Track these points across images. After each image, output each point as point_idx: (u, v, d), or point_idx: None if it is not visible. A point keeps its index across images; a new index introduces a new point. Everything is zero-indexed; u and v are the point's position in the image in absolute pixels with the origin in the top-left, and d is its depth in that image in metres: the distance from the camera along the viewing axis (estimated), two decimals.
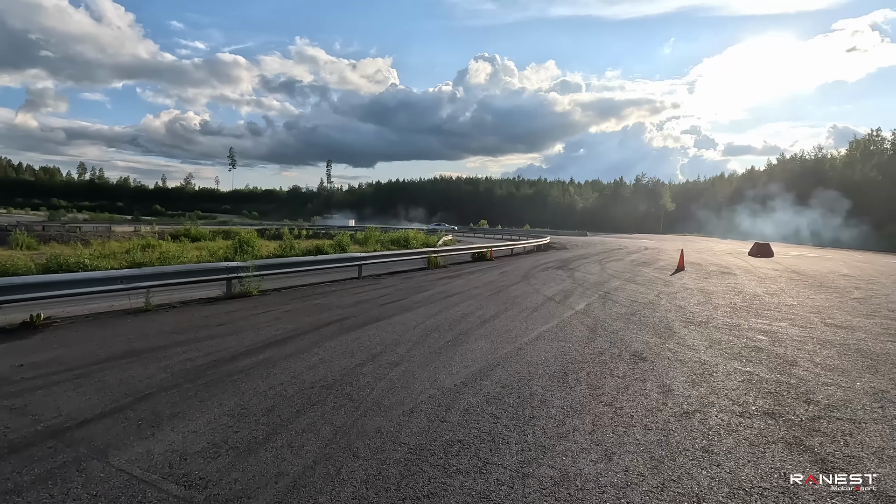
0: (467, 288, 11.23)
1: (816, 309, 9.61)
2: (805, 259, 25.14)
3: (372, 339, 6.36)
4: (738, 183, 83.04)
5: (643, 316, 8.40)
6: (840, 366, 5.71)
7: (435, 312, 8.22)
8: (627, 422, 3.90)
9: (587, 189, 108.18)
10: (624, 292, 11.07)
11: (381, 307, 8.64)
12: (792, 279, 14.83)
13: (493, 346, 6.09)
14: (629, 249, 28.15)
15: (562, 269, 15.77)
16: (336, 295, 10.03)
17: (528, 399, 4.32)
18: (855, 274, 17.50)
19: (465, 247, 19.35)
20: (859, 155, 64.62)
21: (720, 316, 8.59)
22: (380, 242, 27.30)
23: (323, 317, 7.72)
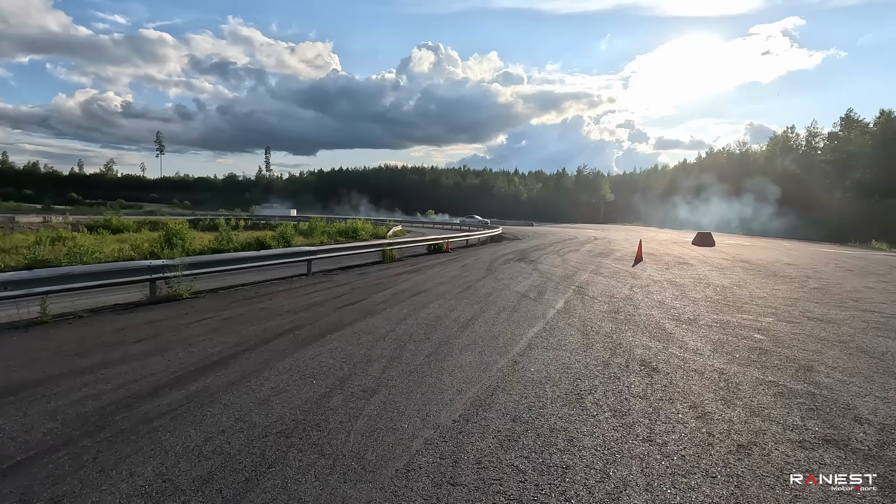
0: (432, 284, 10.24)
1: (788, 301, 9.46)
2: (744, 248, 26.20)
3: (335, 355, 5.23)
4: (672, 175, 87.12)
5: (628, 314, 7.78)
6: (856, 369, 5.27)
7: (404, 316, 7.17)
8: (682, 466, 3.09)
9: (531, 180, 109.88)
10: (597, 287, 10.50)
11: (339, 311, 7.48)
12: (746, 269, 15.02)
13: (483, 360, 5.15)
14: (580, 240, 28.22)
15: (523, 262, 15.13)
16: (284, 296, 8.72)
17: (549, 438, 3.42)
18: (796, 262, 18.17)
19: (419, 238, 18.31)
20: (779, 150, 69.45)
21: (704, 312, 8.14)
22: (326, 234, 25.68)
23: (272, 325, 6.47)
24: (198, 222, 37.81)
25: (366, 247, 14.41)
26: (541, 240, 27.57)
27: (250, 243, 18.75)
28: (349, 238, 25.76)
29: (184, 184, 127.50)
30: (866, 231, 37.26)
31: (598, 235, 33.99)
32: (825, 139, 62.12)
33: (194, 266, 8.79)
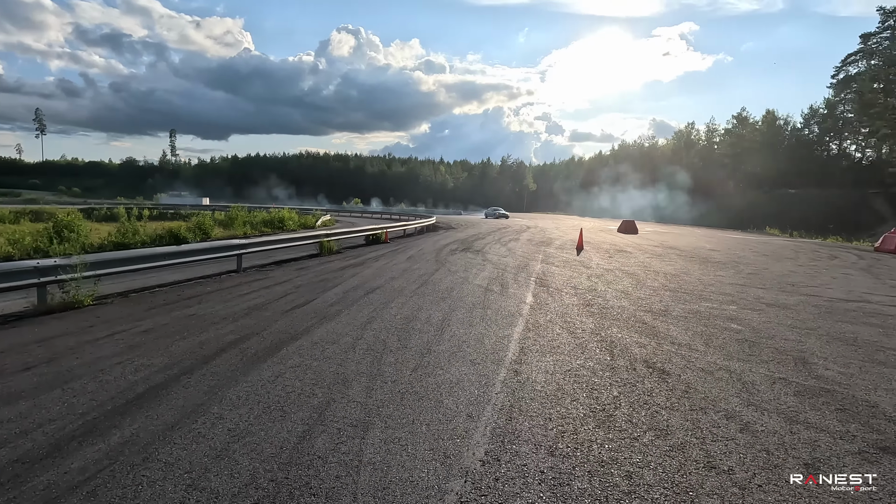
0: (384, 279, 9.34)
1: (736, 287, 9.72)
2: (666, 235, 27.77)
3: (301, 375, 4.26)
4: (589, 166, 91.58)
5: (601, 306, 7.45)
6: (844, 359, 5.23)
7: (367, 319, 6.26)
8: (768, 500, 2.60)
9: (457, 168, 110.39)
10: (556, 278, 10.18)
11: (288, 315, 6.39)
12: (680, 256, 15.62)
13: (480, 372, 4.44)
14: (514, 228, 28.35)
15: (470, 252, 14.59)
16: (216, 298, 7.41)
17: (605, 477, 2.79)
18: (717, 248, 19.37)
19: (357, 229, 17.16)
20: (683, 144, 75.32)
21: (670, 302, 8.04)
22: (249, 224, 23.59)
23: (209, 338, 5.28)
24: (92, 212, 33.29)
25: (302, 238, 13.08)
26: (476, 229, 27.31)
27: (161, 236, 16.53)
28: (275, 229, 23.84)
29: (71, 168, 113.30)
30: (761, 219, 41.29)
31: (529, 224, 34.49)
32: (721, 135, 68.23)
33: (98, 265, 7.19)
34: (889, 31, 43.35)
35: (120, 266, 7.70)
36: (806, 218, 39.95)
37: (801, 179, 50.84)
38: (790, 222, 37.95)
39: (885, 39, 43.45)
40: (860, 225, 37.26)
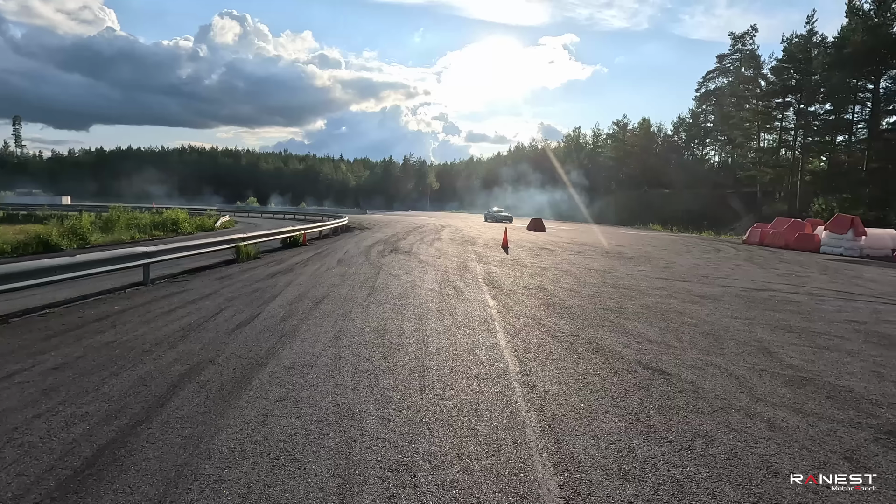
0: (325, 287, 8.56)
1: (663, 281, 10.45)
2: (570, 232, 29.55)
3: (294, 410, 3.58)
4: (489, 166, 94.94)
5: (562, 306, 7.49)
6: (798, 346, 5.72)
7: (333, 335, 5.59)
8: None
9: (359, 166, 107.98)
10: (500, 277, 10.14)
11: (236, 335, 5.49)
12: (598, 253, 16.59)
13: (493, 390, 4.10)
14: (430, 227, 28.25)
15: (399, 254, 14.12)
16: (134, 319, 6.17)
17: (700, 499, 2.62)
18: (622, 244, 20.96)
19: (275, 231, 15.75)
20: (573, 147, 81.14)
21: (619, 298, 8.35)
22: (136, 228, 20.69)
23: (148, 371, 4.29)
24: None
25: (217, 244, 11.62)
26: (391, 228, 26.74)
27: (26, 244, 13.76)
28: (169, 232, 21.18)
29: None
30: (644, 216, 45.78)
31: (441, 223, 34.61)
32: (604, 140, 74.64)
33: None
34: (738, 53, 50.57)
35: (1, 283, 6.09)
36: (678, 215, 45.08)
37: (673, 180, 57.34)
38: (667, 219, 42.60)
39: (736, 60, 50.65)
40: (721, 220, 42.91)
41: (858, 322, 7.13)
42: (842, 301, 8.88)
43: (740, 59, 50.44)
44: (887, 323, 7.17)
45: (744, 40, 49.95)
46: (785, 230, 22.83)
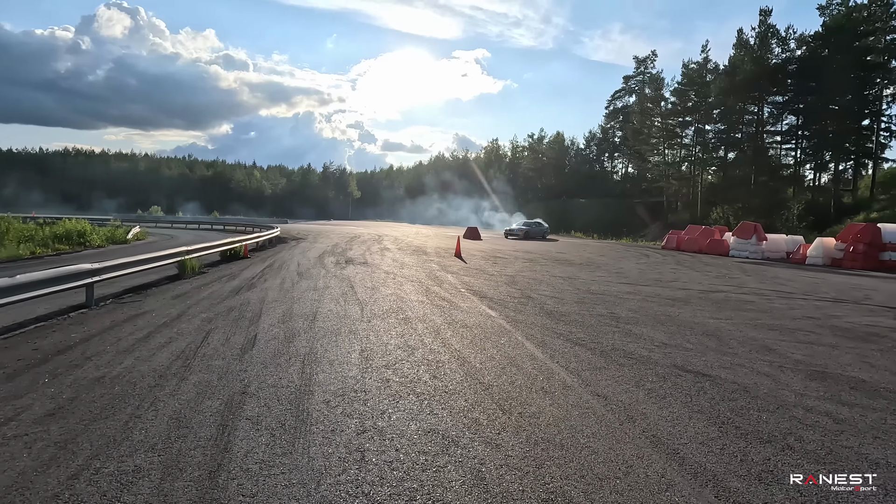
0: (307, 302, 7.96)
1: (628, 286, 11.05)
2: (508, 242, 30.38)
3: (396, 447, 3.22)
4: (412, 174, 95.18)
5: (562, 315, 7.60)
6: (789, 342, 6.27)
7: (362, 356, 5.18)
8: None
9: (274, 174, 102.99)
10: (480, 288, 10.10)
11: (247, 359, 4.88)
12: (549, 261, 17.19)
13: (589, 410, 4.02)
14: (367, 237, 27.54)
15: (358, 265, 13.58)
16: (104, 347, 5.26)
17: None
18: (562, 251, 21.95)
19: (217, 243, 14.40)
20: (493, 158, 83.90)
21: (604, 306, 8.67)
22: (32, 241, 17.92)
23: (176, 410, 3.65)
24: None
25: (163, 258, 10.36)
26: (328, 238, 25.68)
27: None
28: (75, 245, 18.58)
29: None
30: (565, 224, 48.39)
31: (375, 232, 33.90)
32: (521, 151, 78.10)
33: None
34: (641, 75, 55.64)
35: None
36: (594, 223, 48.28)
37: (586, 190, 61.37)
38: (585, 227, 45.45)
39: (640, 82, 55.69)
40: (631, 228, 46.64)
41: (814, 318, 8.02)
42: (784, 300, 9.95)
43: (643, 80, 55.48)
44: (836, 317, 8.13)
45: (646, 63, 55.09)
46: (698, 236, 25.28)
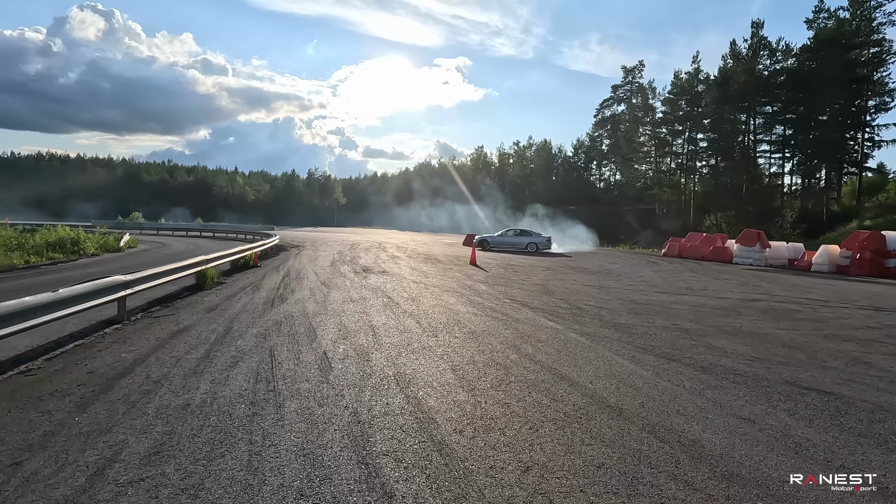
0: (355, 315, 7.54)
1: (669, 295, 10.89)
2: None
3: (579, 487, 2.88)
4: (398, 181, 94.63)
5: (628, 328, 7.35)
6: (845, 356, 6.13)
7: (465, 380, 4.81)
8: None
9: (257, 180, 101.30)
10: (523, 298, 9.80)
11: (361, 385, 4.47)
12: (564, 267, 17.00)
13: (763, 435, 3.72)
14: (367, 244, 27.00)
15: (378, 274, 13.15)
16: (167, 368, 4.77)
17: None
18: (571, 259, 21.84)
19: (228, 252, 13.80)
20: (480, 165, 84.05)
21: (665, 317, 8.46)
22: (22, 249, 16.93)
23: (312, 452, 3.24)
24: None
25: (184, 268, 9.78)
26: (329, 246, 25.05)
27: None
28: (70, 254, 17.65)
29: None
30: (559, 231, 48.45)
31: (373, 240, 33.33)
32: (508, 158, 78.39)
33: None
34: (629, 84, 56.55)
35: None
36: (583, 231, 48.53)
37: (574, 198, 61.83)
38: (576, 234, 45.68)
39: (628, 92, 56.59)
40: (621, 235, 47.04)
41: (874, 328, 7.94)
42: (826, 308, 9.91)
43: (631, 90, 56.37)
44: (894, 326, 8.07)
45: (634, 73, 56.02)
46: (699, 244, 25.50)
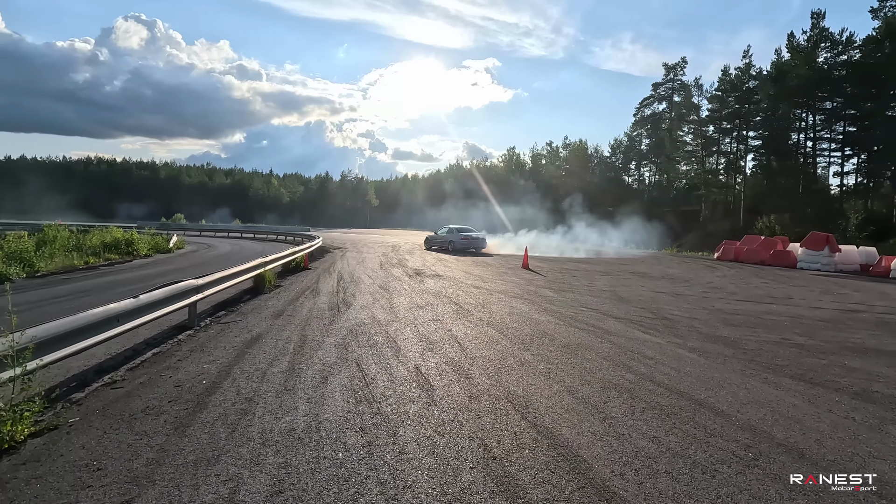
0: (431, 324, 7.07)
1: (758, 305, 10.04)
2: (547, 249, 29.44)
3: None
4: (429, 182, 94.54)
5: (733, 342, 6.64)
6: None
7: (606, 427, 4.26)
8: None
9: (292, 182, 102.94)
10: (600, 307, 9.18)
11: (474, 400, 3.98)
12: (622, 272, 16.20)
13: None
14: (408, 246, 26.76)
15: (429, 277, 12.73)
16: (258, 402, 4.39)
17: None
18: (625, 262, 20.95)
19: (281, 255, 13.64)
20: (514, 166, 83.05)
21: (772, 330, 7.70)
22: (79, 250, 17.21)
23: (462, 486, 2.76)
24: None
25: (244, 271, 9.56)
26: (370, 248, 24.87)
27: None
28: (125, 255, 17.91)
29: None
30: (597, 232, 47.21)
31: (411, 241, 33.11)
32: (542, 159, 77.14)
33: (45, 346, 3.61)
34: (671, 82, 54.67)
35: (70, 343, 4.05)
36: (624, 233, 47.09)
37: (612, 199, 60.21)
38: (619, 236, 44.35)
39: (669, 90, 54.69)
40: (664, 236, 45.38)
41: None
42: None
43: (672, 87, 54.48)
44: None
45: (676, 70, 54.09)
46: (758, 247, 24.12)
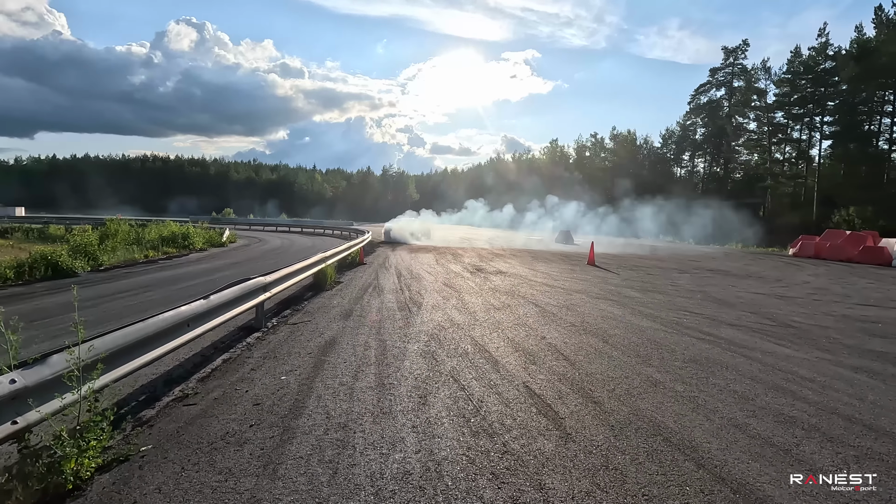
0: (509, 329, 6.24)
1: (871, 307, 8.69)
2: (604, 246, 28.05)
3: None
4: (470, 177, 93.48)
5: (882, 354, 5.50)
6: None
7: (775, 478, 3.36)
8: None
9: (335, 177, 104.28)
10: (703, 310, 8.11)
11: None
12: (703, 269, 14.86)
13: None
14: (456, 240, 26.03)
15: (491, 274, 11.90)
16: (354, 431, 3.70)
17: None
18: (695, 259, 19.46)
19: (340, 249, 13.16)
20: (558, 158, 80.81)
21: None
22: (137, 244, 17.33)
23: None
24: None
25: (308, 267, 9.02)
26: (425, 246, 24.32)
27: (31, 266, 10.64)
28: (181, 249, 17.99)
29: None
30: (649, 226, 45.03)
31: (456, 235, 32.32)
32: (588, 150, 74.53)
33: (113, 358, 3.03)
34: (730, 66, 51.30)
35: (135, 356, 3.48)
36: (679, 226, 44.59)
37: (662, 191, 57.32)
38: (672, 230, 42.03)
39: (729, 75, 51.31)
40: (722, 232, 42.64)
41: None
42: None
43: (732, 73, 51.11)
44: None
45: (736, 54, 50.66)
46: (843, 243, 21.96)
